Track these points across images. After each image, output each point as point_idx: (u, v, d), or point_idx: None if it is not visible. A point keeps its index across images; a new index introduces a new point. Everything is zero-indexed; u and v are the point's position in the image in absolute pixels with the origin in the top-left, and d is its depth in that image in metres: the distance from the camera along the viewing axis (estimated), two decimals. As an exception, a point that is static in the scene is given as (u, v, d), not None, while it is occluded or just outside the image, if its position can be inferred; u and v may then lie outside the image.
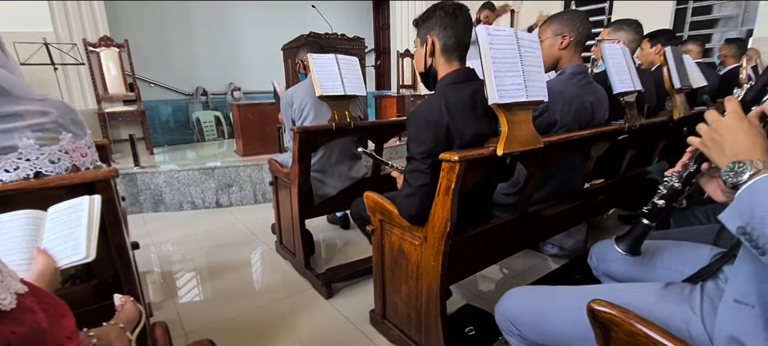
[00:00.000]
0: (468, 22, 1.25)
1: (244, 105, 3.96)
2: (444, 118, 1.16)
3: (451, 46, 1.24)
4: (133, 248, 1.47)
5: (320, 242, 2.68)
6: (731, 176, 0.67)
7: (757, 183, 0.63)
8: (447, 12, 1.23)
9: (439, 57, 1.27)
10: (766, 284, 0.68)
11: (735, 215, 0.65)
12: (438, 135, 1.16)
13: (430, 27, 1.26)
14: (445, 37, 1.24)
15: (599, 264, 1.20)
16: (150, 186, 3.31)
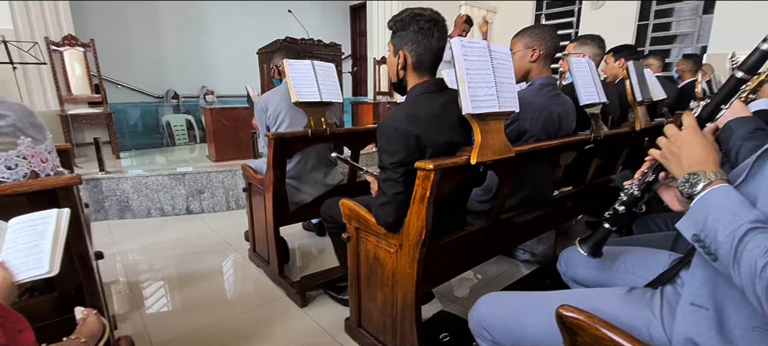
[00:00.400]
0: (443, 35, 1.23)
1: (217, 109, 3.87)
2: (414, 129, 1.17)
3: (424, 61, 1.24)
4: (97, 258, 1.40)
5: (295, 250, 2.65)
6: (687, 186, 0.72)
7: (710, 194, 0.68)
8: (422, 27, 1.20)
9: (410, 72, 1.28)
10: (718, 288, 0.72)
11: (690, 224, 0.69)
12: (408, 145, 1.17)
13: (403, 40, 1.24)
14: (418, 53, 1.23)
15: (567, 269, 1.25)
16: (116, 192, 3.18)
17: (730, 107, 1.17)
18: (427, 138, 1.18)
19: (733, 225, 0.62)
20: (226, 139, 3.79)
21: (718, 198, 0.66)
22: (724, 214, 0.64)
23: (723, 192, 0.67)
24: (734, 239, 0.60)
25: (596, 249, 1.00)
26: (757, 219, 0.61)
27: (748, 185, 0.68)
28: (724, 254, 0.62)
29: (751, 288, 0.58)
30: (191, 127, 5.96)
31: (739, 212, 0.63)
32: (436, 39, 1.21)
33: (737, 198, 0.65)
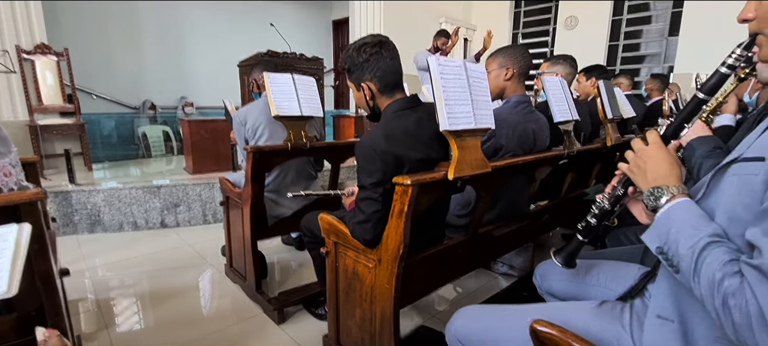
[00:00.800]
0: (392, 51, 1.27)
1: (195, 121, 3.81)
2: (392, 148, 1.18)
3: (389, 82, 1.27)
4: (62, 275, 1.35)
5: (274, 264, 2.60)
6: (651, 200, 0.75)
7: (673, 207, 0.71)
8: (371, 53, 1.23)
9: (379, 97, 1.30)
10: (682, 300, 0.75)
11: (654, 236, 0.72)
12: (386, 164, 1.18)
13: (360, 73, 1.28)
14: (379, 78, 1.26)
15: (542, 282, 1.27)
16: (86, 205, 3.07)
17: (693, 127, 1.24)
18: (404, 155, 1.20)
19: (693, 238, 0.64)
20: (204, 152, 3.72)
21: (680, 212, 0.69)
22: (685, 227, 0.67)
23: (684, 206, 0.70)
24: (694, 252, 0.63)
25: (570, 260, 1.02)
26: (716, 233, 0.64)
27: (707, 200, 0.71)
28: (685, 266, 0.64)
29: (711, 301, 0.60)
30: (168, 139, 5.83)
31: (699, 226, 0.65)
32: (388, 57, 1.25)
33: (697, 212, 0.68)
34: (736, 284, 0.57)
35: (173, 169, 4.30)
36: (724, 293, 0.58)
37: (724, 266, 0.59)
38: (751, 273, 0.55)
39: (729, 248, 0.62)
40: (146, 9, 5.87)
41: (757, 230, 0.57)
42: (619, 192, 0.90)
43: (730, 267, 0.59)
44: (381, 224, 1.25)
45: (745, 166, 0.62)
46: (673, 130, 0.86)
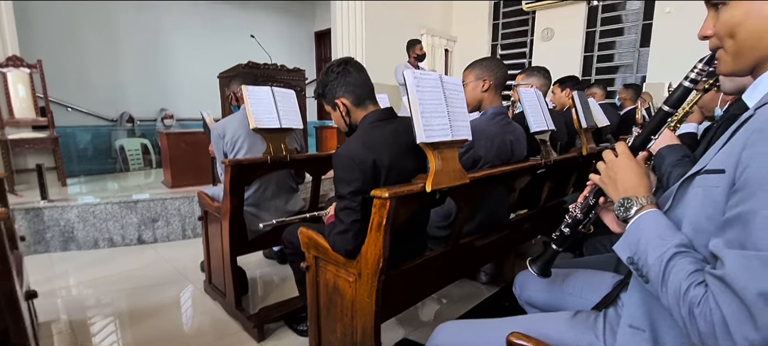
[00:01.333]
0: (358, 66, 1.35)
1: (174, 133, 3.74)
2: (369, 157, 1.19)
3: (360, 94, 1.33)
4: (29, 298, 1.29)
5: (257, 279, 2.56)
6: (622, 210, 0.77)
7: (642, 218, 0.73)
8: (338, 72, 1.32)
9: (354, 110, 1.35)
10: (653, 310, 0.76)
11: (625, 247, 0.74)
12: (365, 173, 1.19)
13: (333, 92, 1.34)
14: (351, 92, 1.33)
15: (522, 293, 1.28)
16: (59, 222, 2.96)
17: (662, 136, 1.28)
18: (381, 164, 1.21)
19: (661, 249, 0.66)
20: (183, 165, 3.65)
21: (649, 222, 0.71)
22: (653, 238, 0.68)
23: (653, 217, 0.72)
24: (662, 262, 0.65)
25: (545, 269, 1.03)
26: (682, 243, 0.65)
27: (675, 211, 0.73)
28: (653, 276, 0.66)
29: (677, 310, 0.62)
30: (147, 152, 5.70)
31: (666, 236, 0.67)
32: (355, 72, 1.33)
33: (665, 222, 0.70)
34: (700, 293, 0.58)
35: (151, 182, 4.20)
36: (689, 302, 0.59)
37: (689, 276, 0.61)
38: (714, 283, 0.57)
39: (694, 258, 0.63)
40: (125, 19, 5.78)
41: (719, 241, 0.59)
42: (591, 202, 0.92)
43: (695, 277, 0.60)
44: (361, 235, 1.24)
45: (707, 178, 0.64)
46: (641, 141, 0.89)
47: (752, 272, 0.53)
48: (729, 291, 0.55)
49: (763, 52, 0.63)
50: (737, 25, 0.64)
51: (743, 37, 0.64)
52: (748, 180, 0.55)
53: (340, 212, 1.26)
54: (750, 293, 0.52)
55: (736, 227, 0.56)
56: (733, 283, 0.54)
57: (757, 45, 0.63)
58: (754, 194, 0.54)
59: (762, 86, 0.65)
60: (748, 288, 0.53)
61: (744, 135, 0.58)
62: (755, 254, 0.53)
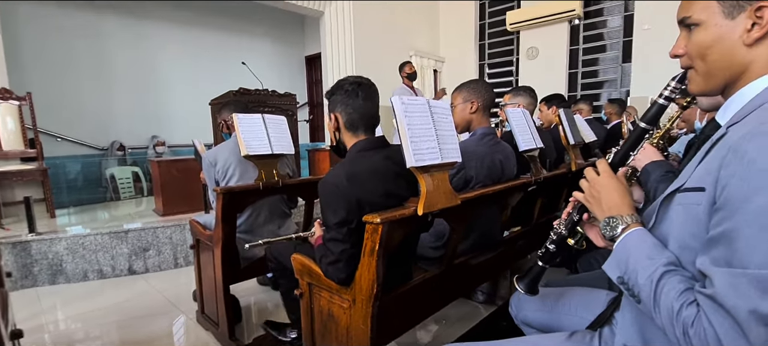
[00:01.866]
0: (370, 94, 1.33)
1: (165, 161, 3.73)
2: (353, 189, 1.19)
3: (355, 120, 1.32)
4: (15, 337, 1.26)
5: (251, 306, 2.52)
6: (608, 230, 0.78)
7: (629, 237, 0.74)
8: (347, 90, 1.31)
9: (345, 132, 1.35)
10: (646, 329, 0.76)
11: (614, 266, 0.74)
12: (349, 203, 1.19)
13: (334, 104, 1.35)
14: (347, 113, 1.32)
15: (518, 313, 1.28)
16: (47, 255, 2.90)
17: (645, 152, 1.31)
18: (365, 199, 1.21)
19: (650, 268, 0.67)
20: (174, 192, 3.62)
21: (636, 241, 0.72)
22: (641, 258, 0.69)
23: (638, 236, 0.73)
24: (653, 282, 0.65)
25: (532, 286, 1.03)
26: (670, 261, 0.66)
27: (659, 228, 0.74)
28: (645, 296, 0.67)
29: (671, 330, 0.62)
30: (138, 180, 5.65)
31: (654, 255, 0.68)
32: (362, 98, 1.31)
33: (651, 241, 0.71)
34: (693, 314, 0.59)
35: (143, 211, 4.16)
36: (683, 323, 0.60)
37: (680, 296, 0.61)
38: (705, 302, 0.58)
39: (683, 276, 0.64)
40: (115, 49, 5.81)
41: (705, 259, 0.60)
42: (575, 218, 0.93)
43: (686, 296, 0.61)
44: (353, 261, 1.24)
45: (687, 196, 0.66)
46: (620, 158, 0.91)
47: (740, 290, 0.54)
48: (721, 310, 0.55)
49: (733, 74, 0.66)
50: (708, 47, 0.66)
51: (713, 59, 0.66)
52: (729, 199, 0.57)
53: (329, 242, 1.26)
54: (741, 311, 0.53)
55: (721, 245, 0.57)
56: (724, 302, 0.55)
57: (727, 67, 0.66)
58: (736, 212, 0.55)
59: (732, 106, 0.67)
60: (739, 307, 0.54)
61: (720, 153, 0.60)
62: (742, 272, 0.54)
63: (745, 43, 0.62)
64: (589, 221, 0.92)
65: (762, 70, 0.63)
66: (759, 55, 0.63)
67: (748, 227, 0.54)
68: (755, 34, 0.61)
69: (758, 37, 0.61)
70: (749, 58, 0.63)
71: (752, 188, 0.54)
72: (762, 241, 0.53)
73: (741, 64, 0.64)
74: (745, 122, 0.61)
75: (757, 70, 0.63)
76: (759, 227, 0.53)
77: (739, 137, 0.57)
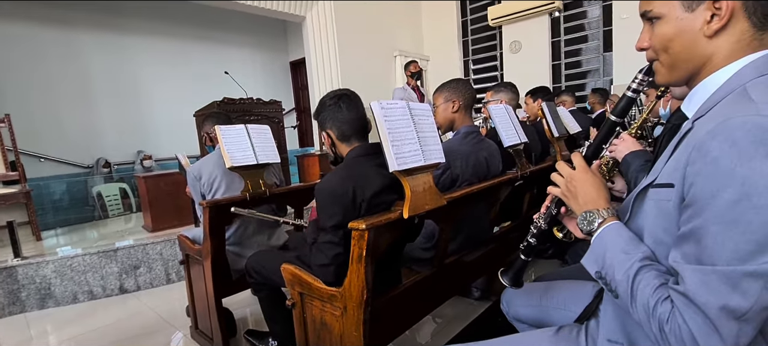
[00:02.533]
0: (352, 103, 1.37)
1: (152, 176, 3.68)
2: (348, 187, 1.21)
3: (345, 131, 1.36)
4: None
5: (247, 317, 2.50)
6: (585, 225, 0.79)
7: (605, 231, 0.75)
8: (330, 106, 1.36)
9: (339, 144, 1.39)
10: (627, 322, 0.77)
11: (592, 261, 0.75)
12: (345, 207, 1.21)
13: (323, 122, 1.38)
14: (337, 127, 1.36)
15: (509, 309, 1.28)
16: (34, 279, 2.85)
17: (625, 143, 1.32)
18: (361, 192, 1.23)
19: (626, 264, 0.67)
20: (163, 207, 3.58)
21: (612, 236, 0.73)
22: (617, 252, 0.70)
23: (615, 230, 0.73)
24: (629, 277, 0.66)
25: (516, 279, 1.05)
26: (646, 256, 0.67)
27: (635, 221, 0.75)
28: (622, 291, 0.67)
29: (648, 326, 0.63)
30: (126, 196, 5.57)
31: (630, 250, 0.69)
32: (346, 109, 1.35)
33: (627, 235, 0.72)
34: (667, 310, 0.60)
35: (132, 228, 4.10)
36: (658, 319, 0.61)
37: (655, 292, 0.62)
38: (678, 299, 0.59)
39: (659, 271, 0.65)
40: (94, 65, 5.72)
41: (677, 255, 0.61)
42: (554, 211, 0.94)
43: (660, 292, 0.62)
44: (343, 267, 1.25)
45: (658, 191, 0.66)
46: (593, 151, 0.92)
47: (710, 286, 0.55)
48: (693, 306, 0.57)
49: (696, 65, 0.67)
50: (670, 40, 0.67)
51: (676, 51, 0.67)
52: (696, 197, 0.58)
53: (323, 245, 1.27)
54: (712, 307, 0.55)
55: (690, 242, 0.58)
56: (695, 299, 0.56)
57: (690, 59, 0.67)
58: (703, 210, 0.56)
59: (697, 97, 0.68)
60: (709, 303, 0.55)
61: (687, 149, 0.61)
62: (712, 269, 0.55)
63: (706, 34, 0.63)
64: (567, 214, 0.93)
65: (723, 60, 0.64)
66: (720, 46, 0.64)
67: (715, 225, 0.55)
68: (714, 25, 0.62)
69: (717, 28, 0.62)
70: (710, 50, 0.64)
71: (717, 186, 0.55)
72: (729, 237, 0.54)
73: (703, 56, 0.65)
74: (709, 116, 0.61)
75: (718, 61, 0.64)
76: (725, 224, 0.54)
77: (704, 134, 0.58)
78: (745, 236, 0.53)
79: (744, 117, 0.55)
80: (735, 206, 0.53)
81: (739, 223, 0.53)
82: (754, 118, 0.54)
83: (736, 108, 0.57)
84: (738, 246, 0.53)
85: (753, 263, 0.53)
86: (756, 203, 0.52)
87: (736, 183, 0.53)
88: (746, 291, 0.53)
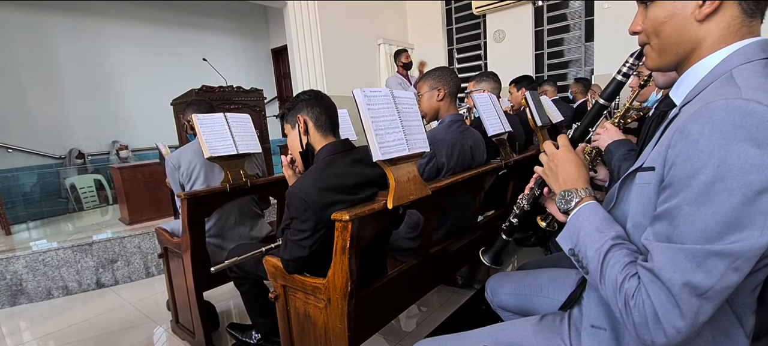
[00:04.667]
0: (328, 103, 1.36)
1: (128, 167, 3.56)
2: (322, 198, 1.18)
3: (323, 121, 1.32)
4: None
5: (230, 310, 2.46)
6: (563, 203, 0.79)
7: (581, 210, 0.75)
8: (310, 95, 1.34)
9: (314, 133, 1.33)
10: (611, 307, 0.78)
11: (566, 239, 0.76)
12: (317, 214, 1.18)
13: (298, 110, 1.34)
14: (315, 113, 1.32)
15: (494, 298, 1.29)
16: (4, 275, 2.73)
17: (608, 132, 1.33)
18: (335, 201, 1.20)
19: (598, 242, 0.68)
20: (140, 199, 3.48)
21: (588, 215, 0.74)
22: (591, 230, 0.71)
23: (591, 209, 0.74)
24: (600, 255, 0.67)
25: (496, 258, 1.08)
26: (619, 235, 0.68)
27: (620, 207, 0.76)
28: (593, 269, 0.68)
29: (615, 302, 0.64)
30: (102, 188, 5.39)
31: (604, 229, 0.70)
32: (324, 103, 1.34)
33: (603, 215, 0.73)
34: (634, 286, 0.61)
35: (108, 220, 3.97)
36: (625, 294, 0.62)
37: (624, 269, 0.63)
38: (645, 275, 0.60)
39: (629, 250, 0.66)
40: (62, 50, 5.45)
41: (649, 233, 0.62)
42: (537, 193, 0.95)
43: (629, 270, 0.63)
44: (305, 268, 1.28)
45: (642, 176, 0.67)
46: (580, 133, 0.93)
47: (677, 264, 0.56)
48: (658, 282, 0.58)
49: (686, 50, 0.67)
50: (661, 23, 0.67)
51: (666, 35, 0.67)
52: (674, 178, 0.58)
53: (290, 243, 1.26)
54: (675, 283, 0.56)
55: (664, 221, 0.59)
56: (661, 275, 0.57)
57: (679, 43, 0.66)
58: (680, 191, 0.57)
59: (685, 84, 0.69)
60: (674, 279, 0.56)
61: (670, 132, 0.61)
62: (680, 247, 0.56)
63: (697, 18, 0.63)
64: (548, 195, 0.93)
65: (713, 46, 0.64)
66: (710, 31, 0.63)
67: (689, 205, 0.56)
68: (706, 9, 0.62)
69: (709, 12, 0.62)
70: (700, 35, 0.64)
71: (695, 167, 0.55)
72: (699, 217, 0.55)
73: (693, 40, 0.65)
74: (695, 102, 0.62)
75: (708, 46, 0.64)
76: (698, 205, 0.55)
77: (686, 117, 0.58)
78: (715, 216, 0.54)
79: (726, 100, 0.55)
80: (709, 187, 0.54)
81: (711, 203, 0.54)
82: (735, 101, 0.54)
83: (720, 91, 0.58)
84: (708, 226, 0.54)
85: (720, 243, 0.54)
86: (729, 186, 0.53)
87: (713, 164, 0.53)
88: (711, 270, 0.54)
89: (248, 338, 1.89)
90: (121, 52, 5.95)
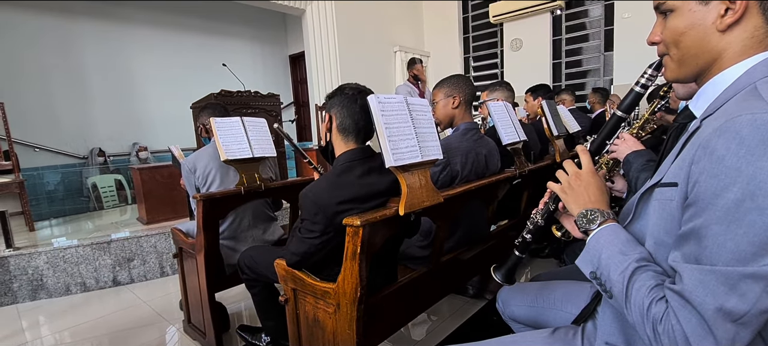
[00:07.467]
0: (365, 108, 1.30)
1: (148, 168, 3.65)
2: (332, 205, 1.19)
3: (348, 125, 1.30)
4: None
5: (241, 312, 2.47)
6: (584, 222, 0.76)
7: (603, 231, 0.73)
8: (347, 95, 1.31)
9: (336, 135, 1.33)
10: (627, 324, 0.75)
11: (587, 261, 0.73)
12: (327, 218, 1.20)
13: (332, 105, 1.33)
14: (342, 116, 1.30)
15: (505, 309, 1.26)
16: (27, 270, 2.82)
17: (626, 142, 1.30)
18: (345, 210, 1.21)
19: (622, 264, 0.66)
20: (158, 199, 3.55)
21: (610, 236, 0.71)
22: (614, 253, 0.68)
23: (612, 231, 0.72)
24: (625, 278, 0.64)
25: (509, 276, 1.03)
26: (643, 257, 0.65)
27: (637, 223, 0.73)
28: (617, 292, 0.66)
29: (642, 328, 0.61)
30: (121, 188, 5.53)
31: (627, 251, 0.67)
32: (360, 106, 1.29)
33: (625, 236, 0.70)
34: (662, 310, 0.58)
35: (127, 220, 4.07)
36: (652, 319, 0.59)
37: (650, 292, 0.61)
38: (673, 299, 0.57)
39: (655, 272, 0.63)
40: (90, 54, 5.65)
41: (677, 255, 0.59)
42: (551, 208, 0.92)
43: (656, 293, 0.60)
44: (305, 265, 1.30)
45: (663, 191, 0.65)
46: (597, 146, 0.90)
47: (708, 287, 0.53)
48: (688, 306, 0.55)
49: (706, 61, 0.65)
50: (681, 33, 0.65)
51: (687, 45, 0.65)
52: (699, 195, 0.56)
53: (298, 237, 1.28)
54: (708, 308, 0.53)
55: (691, 241, 0.57)
56: (691, 298, 0.54)
57: (699, 54, 0.64)
58: (706, 209, 0.55)
59: (705, 96, 0.66)
60: (706, 303, 0.53)
61: (692, 148, 0.59)
62: (710, 269, 0.54)
63: (719, 29, 0.61)
64: (564, 212, 0.91)
65: (735, 57, 0.62)
66: (732, 42, 0.61)
67: (717, 224, 0.53)
68: (728, 19, 0.60)
69: (731, 22, 0.60)
70: (722, 45, 0.62)
71: (721, 185, 0.53)
72: (730, 238, 0.52)
73: (714, 51, 0.63)
74: (717, 115, 0.59)
75: (729, 57, 0.62)
76: (727, 224, 0.53)
77: (710, 132, 0.56)
78: (747, 236, 0.51)
79: (753, 115, 0.52)
80: (739, 206, 0.52)
81: (742, 223, 0.51)
82: (763, 115, 0.52)
83: (745, 106, 0.55)
84: (739, 247, 0.52)
85: (754, 265, 0.51)
86: (761, 204, 0.50)
87: (742, 182, 0.51)
88: (745, 293, 0.52)
89: (258, 341, 1.90)
90: (145, 57, 6.13)
